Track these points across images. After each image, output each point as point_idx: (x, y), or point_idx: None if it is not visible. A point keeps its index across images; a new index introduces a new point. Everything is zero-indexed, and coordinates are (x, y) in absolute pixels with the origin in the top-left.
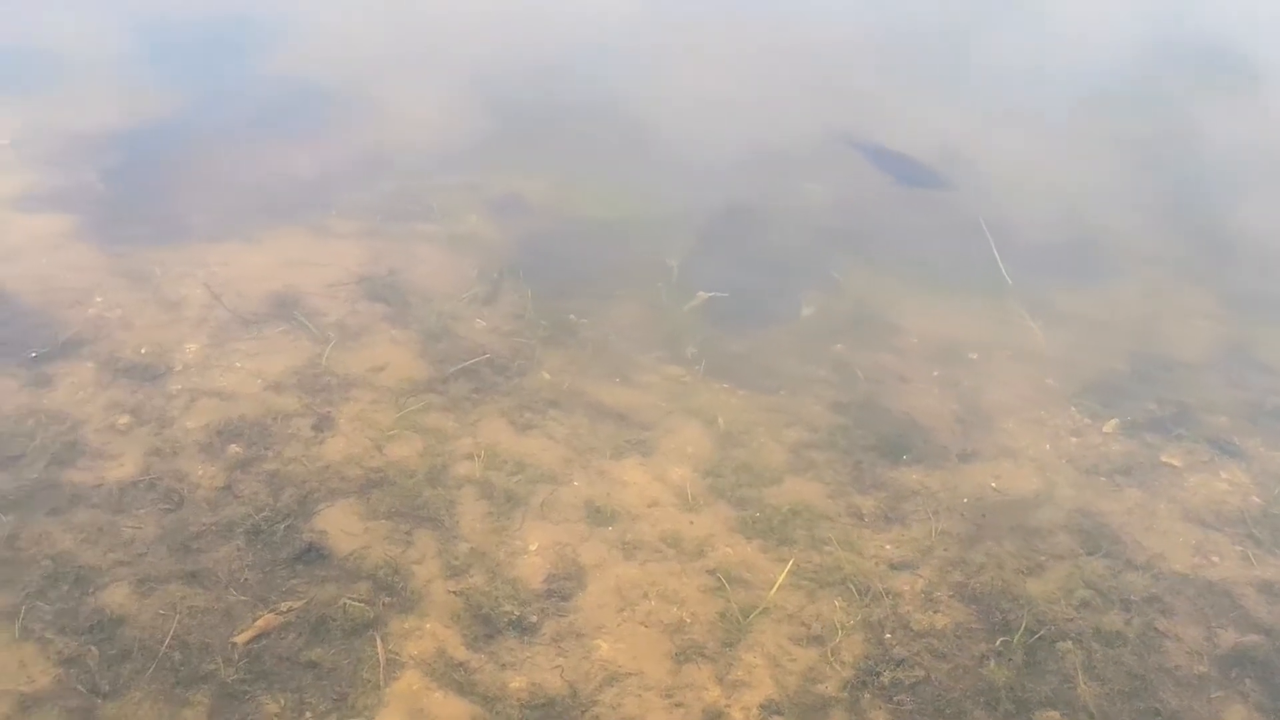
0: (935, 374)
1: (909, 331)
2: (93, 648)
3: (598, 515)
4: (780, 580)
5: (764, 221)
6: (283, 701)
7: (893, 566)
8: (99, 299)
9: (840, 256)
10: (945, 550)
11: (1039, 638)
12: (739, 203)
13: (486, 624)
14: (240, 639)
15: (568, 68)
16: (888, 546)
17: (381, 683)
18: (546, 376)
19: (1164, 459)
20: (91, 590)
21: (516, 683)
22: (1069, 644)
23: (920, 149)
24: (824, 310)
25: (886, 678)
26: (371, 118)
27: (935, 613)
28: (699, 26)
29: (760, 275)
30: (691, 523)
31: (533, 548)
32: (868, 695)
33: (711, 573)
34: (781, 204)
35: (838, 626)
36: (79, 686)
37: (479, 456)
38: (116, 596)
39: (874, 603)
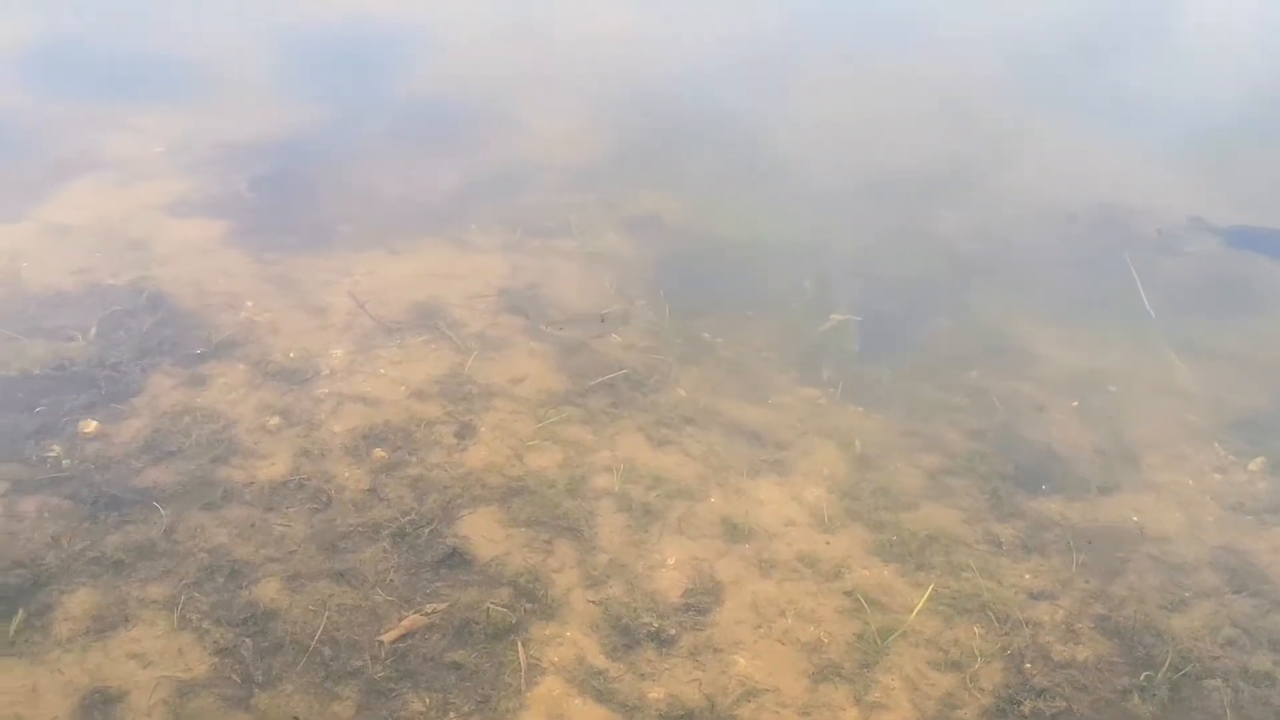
0: (1073, 404)
1: (1046, 360)
2: (247, 639)
3: (734, 532)
4: (920, 605)
5: (900, 246)
6: (428, 701)
7: (1032, 596)
8: (250, 303)
9: (977, 283)
10: (1086, 582)
11: (1184, 674)
12: (874, 226)
13: (626, 634)
14: (387, 638)
15: (704, 90)
16: (1027, 576)
17: (523, 687)
18: (682, 393)
19: None
20: (245, 584)
21: (655, 693)
22: (1216, 682)
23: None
24: (960, 337)
25: (1027, 707)
26: (510, 134)
27: (1076, 644)
28: (829, 52)
29: (896, 300)
30: (828, 543)
31: (670, 562)
32: None
33: (849, 594)
34: (917, 229)
35: (976, 653)
36: (234, 676)
37: (617, 470)
38: (269, 591)
39: (1013, 631)
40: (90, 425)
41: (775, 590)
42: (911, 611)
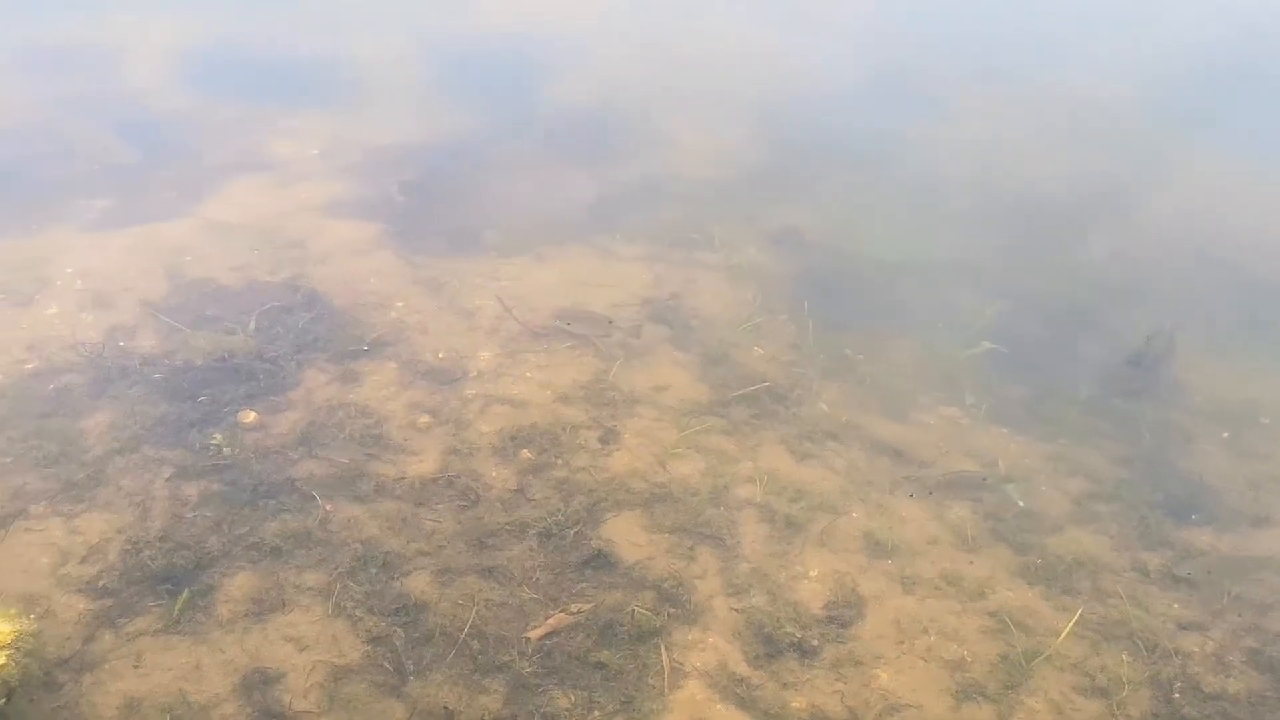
0: (1224, 435)
1: (1196, 390)
2: (398, 629)
3: (877, 548)
4: (1067, 629)
5: (1046, 269)
6: (573, 698)
7: (1181, 626)
8: (400, 304)
9: (1125, 309)
10: (1238, 615)
11: None
12: (1019, 248)
13: (768, 643)
14: (533, 634)
15: (844, 109)
16: (1175, 605)
17: (666, 689)
18: (824, 408)
19: None
20: (396, 576)
21: (797, 703)
22: None
23: None
24: (1108, 362)
25: None
26: (654, 147)
27: (1228, 677)
28: (971, 75)
29: (1043, 325)
30: (971, 563)
31: (813, 573)
32: None
33: (993, 614)
34: (1064, 252)
35: (1124, 680)
36: (386, 664)
37: (760, 481)
38: (419, 584)
39: (1162, 660)
40: (250, 416)
41: (918, 607)
42: (1057, 635)
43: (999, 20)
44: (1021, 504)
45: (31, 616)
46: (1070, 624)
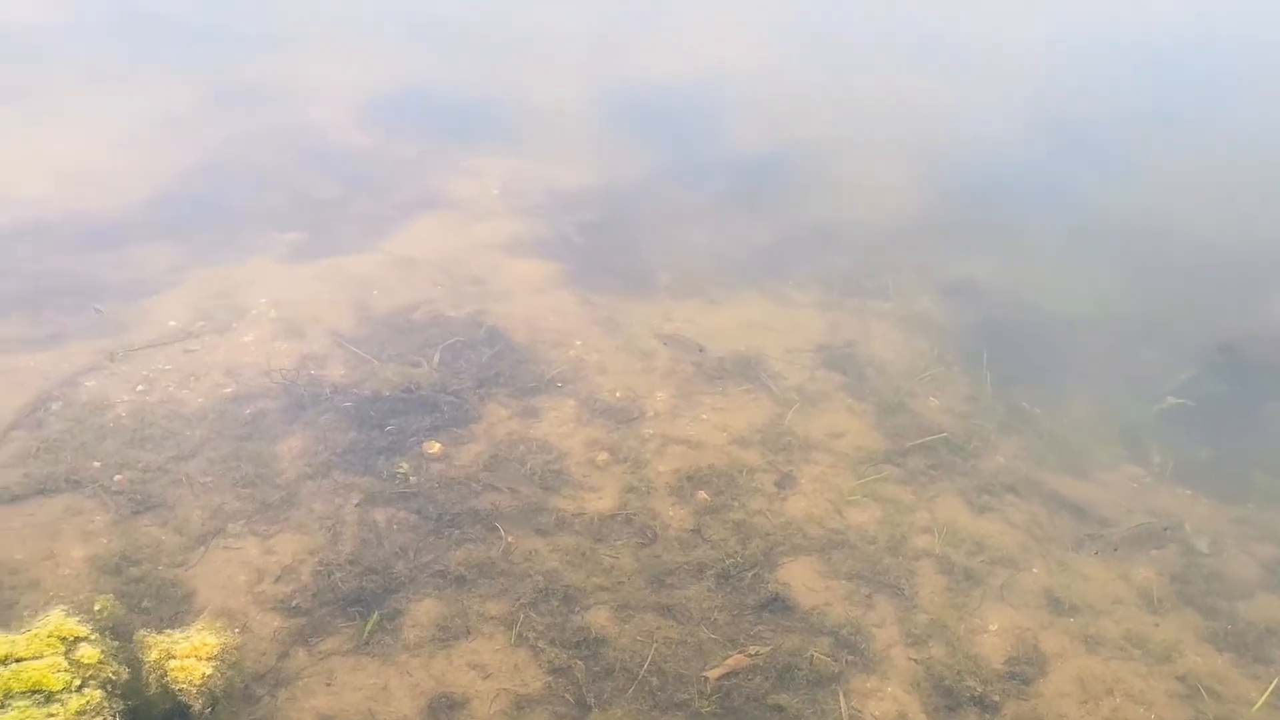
0: None
1: None
2: (579, 662)
3: (1058, 605)
4: (1262, 699)
5: (1234, 328)
6: None
7: None
8: (578, 342)
9: None
10: None
11: None
12: (1206, 305)
13: (948, 696)
14: (712, 674)
15: (1019, 154)
16: None
17: None
18: (1002, 461)
19: None
20: (577, 609)
21: None
22: None
23: None
24: None
25: None
26: (824, 193)
27: None
28: (1154, 125)
29: (1229, 382)
30: (1157, 625)
31: (993, 628)
32: None
33: (1181, 679)
34: (1254, 311)
35: None
36: (567, 695)
37: (937, 531)
38: (599, 618)
39: None
40: (434, 446)
41: (1102, 667)
42: (1251, 705)
43: (1171, 64)
44: (1207, 552)
45: (234, 631)
46: (1266, 694)
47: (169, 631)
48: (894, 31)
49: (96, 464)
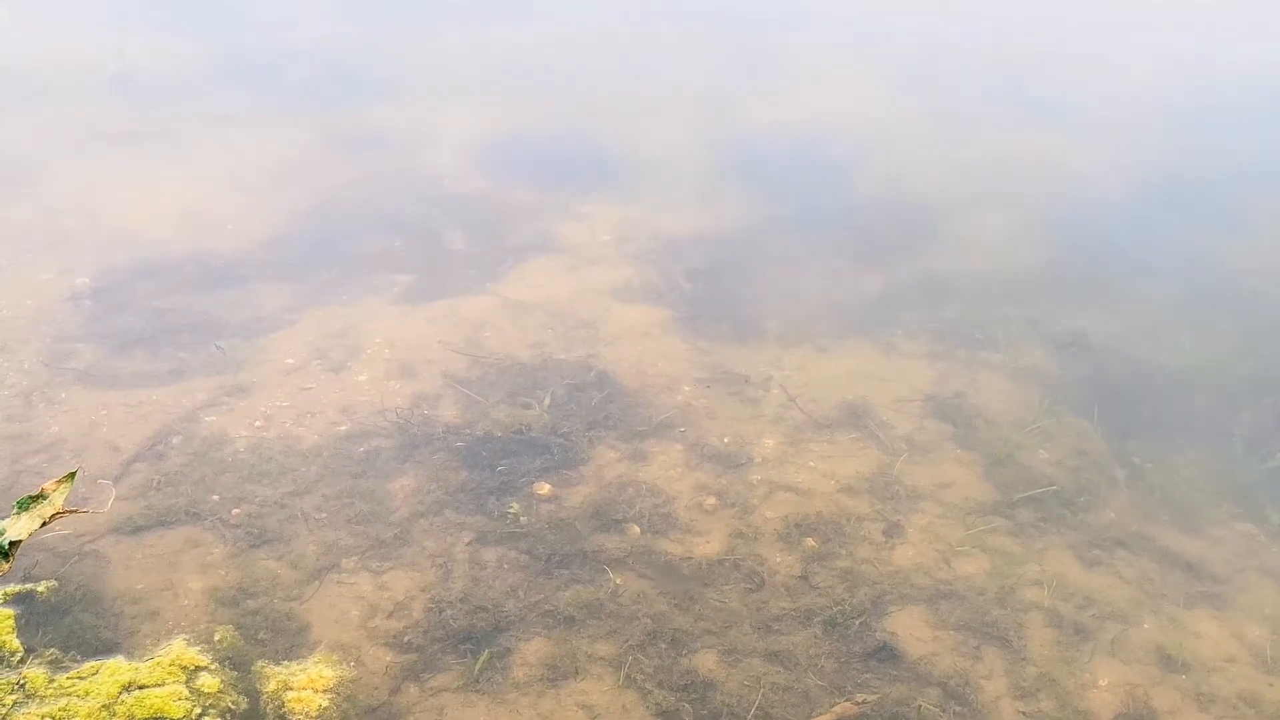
0: None
1: None
2: (687, 705)
3: (1169, 662)
4: None
5: None
6: None
7: None
8: (686, 388)
9: None
10: None
11: None
12: None
13: None
14: None
15: (1131, 209)
16: None
17: None
18: (1112, 515)
19: None
20: (684, 652)
21: None
22: None
23: None
24: None
25: None
26: (934, 243)
27: None
28: (1269, 180)
29: None
30: (1271, 685)
31: (1102, 683)
32: None
33: None
34: None
35: None
36: None
37: (1047, 584)
38: (706, 662)
39: None
40: (544, 488)
41: None
42: None
43: None
44: None
45: (349, 664)
46: None
47: (286, 663)
48: (1009, 83)
49: (215, 497)
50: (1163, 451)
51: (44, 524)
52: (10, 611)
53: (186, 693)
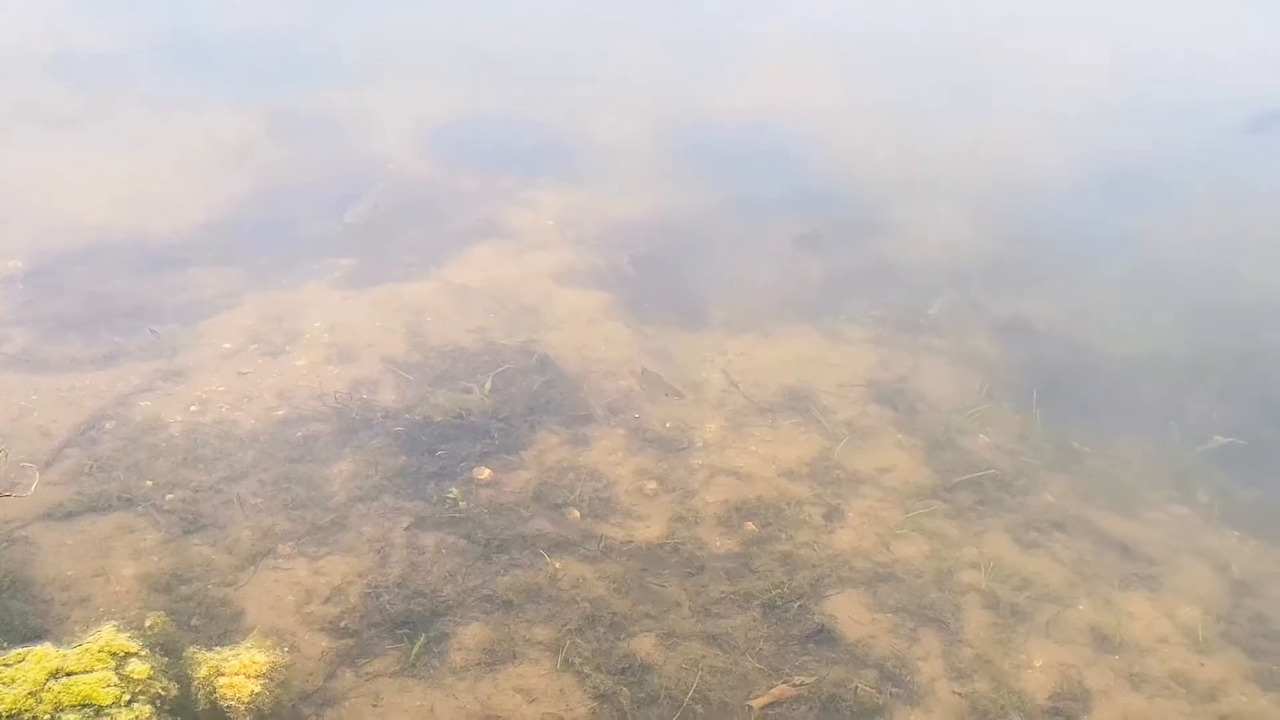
0: None
1: None
2: (624, 689)
3: (1103, 642)
4: None
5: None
6: None
7: None
8: (630, 373)
9: None
10: None
11: None
12: (1260, 348)
13: None
14: (756, 704)
15: (1076, 199)
16: None
17: None
18: (1050, 498)
19: None
20: (623, 636)
21: None
22: None
23: None
24: None
25: None
26: (880, 231)
27: None
28: (1210, 175)
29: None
30: (1202, 665)
31: (1037, 663)
32: None
33: (1224, 718)
34: None
35: None
36: None
37: (984, 567)
38: (644, 645)
39: None
40: (484, 472)
41: (1146, 705)
42: None
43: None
44: None
45: (283, 650)
46: None
47: (218, 649)
48: (958, 74)
49: (149, 483)
50: (1101, 436)
51: None
52: None
53: (115, 679)
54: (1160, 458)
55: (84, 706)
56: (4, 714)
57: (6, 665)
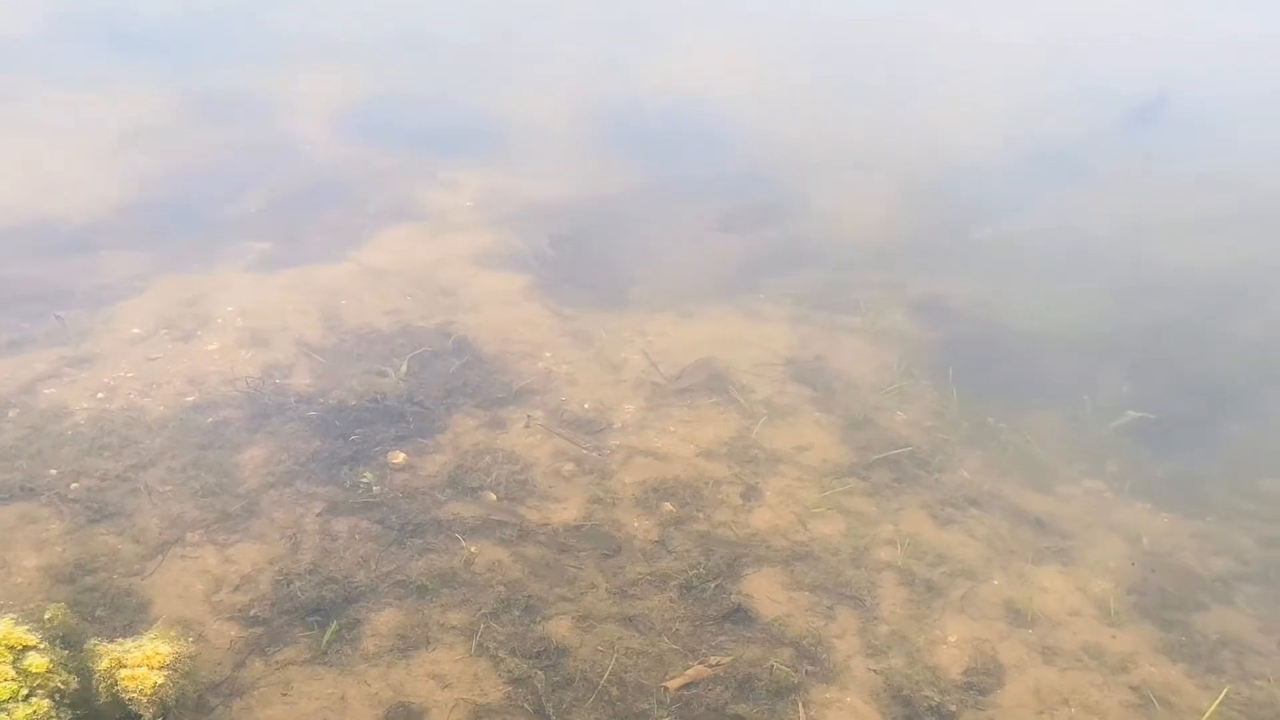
0: None
1: None
2: (539, 672)
3: (1017, 616)
4: (1211, 708)
5: (1199, 347)
6: None
7: None
8: (548, 354)
9: (1277, 389)
10: None
11: None
12: (1171, 325)
13: (906, 705)
14: (672, 684)
15: (995, 179)
16: None
17: None
18: (966, 475)
19: None
20: (539, 619)
21: None
22: None
23: None
24: (1255, 443)
25: None
26: (800, 211)
27: None
28: (1129, 152)
29: (1190, 400)
30: (1114, 637)
31: (952, 639)
32: None
33: (1135, 689)
34: (1217, 330)
35: None
36: (526, 705)
37: (900, 544)
38: (560, 628)
39: None
40: (399, 457)
41: (1058, 678)
42: (1201, 715)
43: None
44: None
45: (189, 640)
46: (1215, 703)
47: (121, 640)
48: (882, 56)
49: (53, 472)
50: (1017, 412)
51: None
52: None
53: (13, 673)
54: (1074, 433)
55: None
56: None
57: None
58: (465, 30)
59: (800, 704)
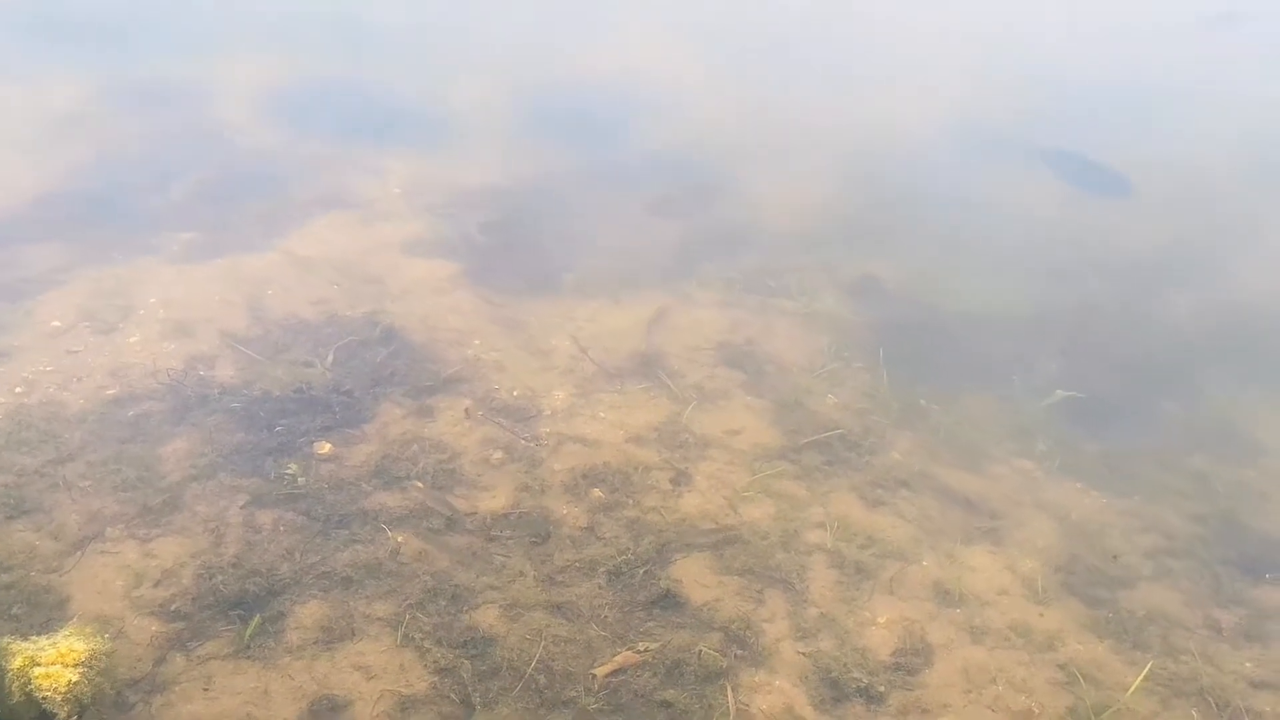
0: None
1: (1275, 451)
2: (466, 661)
3: (946, 597)
4: (1136, 683)
5: (1128, 325)
6: None
7: (1253, 685)
8: (477, 342)
9: (1205, 368)
10: None
11: None
12: (1101, 304)
13: (834, 688)
14: (600, 672)
15: (930, 164)
16: (1248, 664)
17: None
18: (897, 456)
19: None
20: (465, 609)
21: None
22: None
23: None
24: (1184, 420)
25: None
26: (734, 196)
27: None
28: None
29: (1119, 379)
30: (1041, 615)
31: (881, 620)
32: None
33: (1061, 667)
34: (1146, 309)
35: None
36: (452, 695)
37: (830, 526)
38: (488, 617)
39: (1232, 719)
40: (325, 447)
41: (986, 657)
42: (1126, 690)
43: (1098, 94)
44: None
45: (106, 636)
46: (1139, 678)
47: (35, 638)
48: (817, 43)
49: None
50: (947, 393)
51: None
52: None
53: None
54: (1004, 413)
55: None
56: None
57: None
58: (395, 15)
59: (729, 688)
